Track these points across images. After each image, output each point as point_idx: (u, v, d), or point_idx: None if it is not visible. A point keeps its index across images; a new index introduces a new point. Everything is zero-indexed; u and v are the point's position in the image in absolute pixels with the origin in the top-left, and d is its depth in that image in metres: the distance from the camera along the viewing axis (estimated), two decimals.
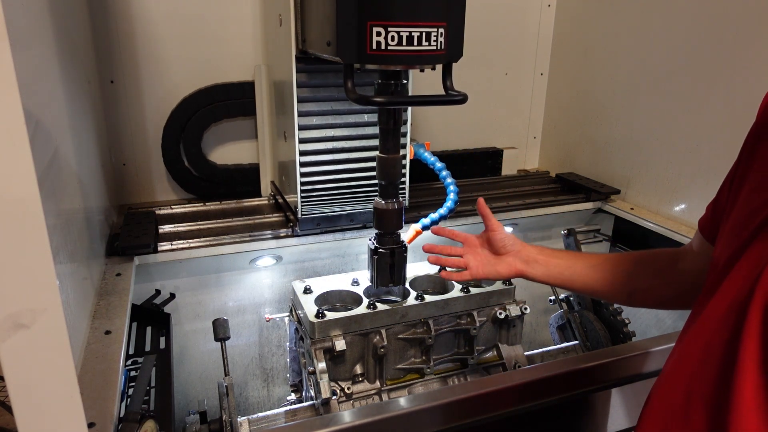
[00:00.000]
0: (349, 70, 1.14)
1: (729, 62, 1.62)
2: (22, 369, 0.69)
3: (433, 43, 1.11)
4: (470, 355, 1.52)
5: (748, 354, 0.64)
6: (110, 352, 1.11)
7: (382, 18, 1.06)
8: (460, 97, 1.19)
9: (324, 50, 1.21)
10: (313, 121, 1.56)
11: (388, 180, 1.34)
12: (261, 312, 1.84)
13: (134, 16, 1.77)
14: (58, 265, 0.80)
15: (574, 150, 2.28)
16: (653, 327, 1.86)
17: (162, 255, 1.56)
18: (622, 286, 1.11)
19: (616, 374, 1.27)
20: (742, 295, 0.67)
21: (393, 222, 1.37)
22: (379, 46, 1.08)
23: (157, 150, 1.90)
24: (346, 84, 1.14)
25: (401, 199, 1.39)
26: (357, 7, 1.06)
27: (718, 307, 0.72)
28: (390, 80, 1.22)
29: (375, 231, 1.40)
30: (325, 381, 1.31)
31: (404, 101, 1.31)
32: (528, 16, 2.28)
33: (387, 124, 1.30)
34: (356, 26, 1.07)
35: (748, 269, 0.68)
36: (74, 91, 1.35)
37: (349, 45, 1.09)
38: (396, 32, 1.07)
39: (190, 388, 1.81)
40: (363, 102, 1.15)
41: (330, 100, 1.56)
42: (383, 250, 1.38)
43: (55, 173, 1.04)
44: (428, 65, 1.16)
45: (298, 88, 1.50)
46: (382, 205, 1.36)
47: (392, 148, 1.32)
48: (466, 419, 1.14)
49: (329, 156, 1.61)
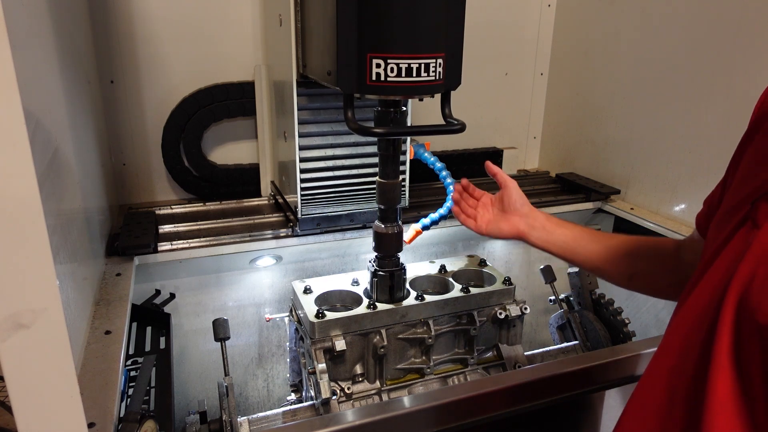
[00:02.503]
0: (349, 100, 1.16)
1: (729, 62, 1.62)
2: (22, 369, 0.69)
3: (431, 74, 1.13)
4: (470, 355, 1.52)
5: (722, 349, 0.64)
6: (110, 352, 1.11)
7: (382, 50, 1.09)
8: (458, 126, 1.23)
9: (324, 78, 1.24)
10: (313, 129, 1.57)
11: (388, 205, 1.38)
12: (261, 312, 1.84)
13: (134, 16, 1.77)
14: (58, 265, 0.80)
15: (574, 150, 2.28)
16: (653, 327, 1.86)
17: (162, 255, 1.56)
18: (625, 268, 1.11)
19: (616, 374, 1.27)
20: (718, 289, 0.67)
21: (393, 245, 1.41)
22: (379, 77, 1.10)
23: (157, 150, 1.90)
24: (346, 114, 1.16)
25: (400, 223, 1.43)
26: (357, 39, 1.09)
27: (698, 301, 0.72)
28: (389, 108, 1.25)
29: (375, 253, 1.43)
30: (325, 381, 1.31)
31: (403, 132, 1.35)
32: (528, 16, 2.27)
33: (386, 151, 1.33)
34: (356, 57, 1.10)
35: (727, 263, 0.68)
36: (74, 91, 1.35)
37: (349, 76, 1.11)
38: (395, 64, 1.09)
39: (190, 388, 1.81)
40: (363, 133, 1.18)
41: (330, 122, 1.60)
42: (383, 273, 1.42)
43: (55, 173, 1.04)
44: (427, 95, 1.18)
45: (298, 97, 1.51)
46: (382, 229, 1.39)
47: (391, 174, 1.35)
48: (466, 419, 1.14)
49: (330, 155, 1.61)
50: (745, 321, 0.62)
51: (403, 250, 1.44)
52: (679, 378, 0.72)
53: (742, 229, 0.68)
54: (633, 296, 1.94)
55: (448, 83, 1.19)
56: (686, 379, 0.70)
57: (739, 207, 0.70)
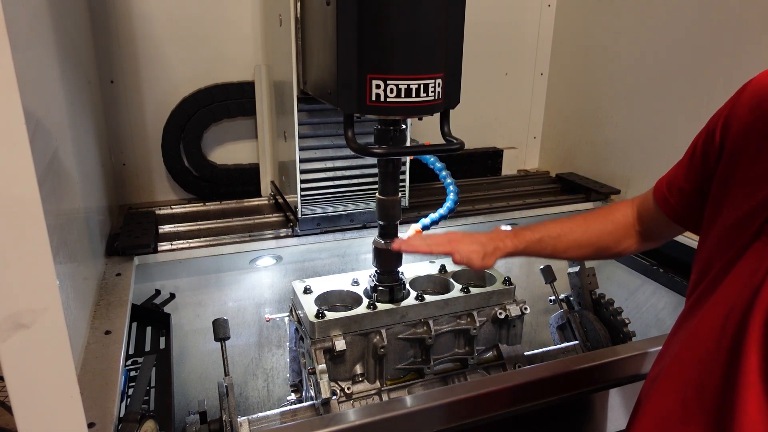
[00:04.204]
0: (350, 120, 1.17)
1: (729, 62, 1.62)
2: (22, 369, 0.69)
3: (431, 94, 1.15)
4: (470, 355, 1.52)
5: (750, 368, 0.63)
6: (110, 352, 1.11)
7: (382, 71, 1.10)
8: (456, 146, 1.24)
9: (324, 97, 1.26)
10: (313, 129, 1.57)
11: (388, 221, 1.39)
12: (261, 312, 1.84)
13: (134, 16, 1.77)
14: (58, 265, 0.80)
15: (574, 150, 2.28)
16: (653, 327, 1.86)
17: (162, 255, 1.56)
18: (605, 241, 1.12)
19: (616, 374, 1.27)
20: (738, 306, 0.67)
21: (392, 261, 1.42)
22: (379, 97, 1.11)
23: (157, 150, 1.90)
24: (347, 133, 1.18)
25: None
26: (357, 60, 1.10)
27: (716, 314, 0.71)
28: (389, 127, 1.26)
29: (374, 269, 1.45)
30: (325, 381, 1.31)
31: (403, 152, 1.37)
32: (528, 16, 2.27)
33: (386, 168, 1.35)
34: (356, 78, 1.11)
35: (746, 276, 0.67)
36: (74, 91, 1.35)
37: (350, 96, 1.13)
38: (395, 85, 1.11)
39: (190, 388, 1.81)
40: (363, 153, 1.20)
41: (329, 123, 1.60)
42: (383, 288, 1.43)
43: (55, 173, 1.04)
44: (426, 114, 1.19)
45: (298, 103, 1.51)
46: (382, 245, 1.40)
47: (391, 191, 1.36)
48: (466, 419, 1.14)
49: (330, 156, 1.61)
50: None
51: (401, 265, 1.45)
52: (697, 393, 0.71)
53: (757, 243, 0.68)
54: (633, 296, 1.94)
55: (447, 102, 1.21)
56: (707, 394, 0.70)
57: (745, 221, 0.70)
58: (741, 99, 0.77)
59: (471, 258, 1.11)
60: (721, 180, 0.79)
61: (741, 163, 0.75)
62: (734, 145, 0.77)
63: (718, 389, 0.68)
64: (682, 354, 0.77)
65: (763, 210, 0.69)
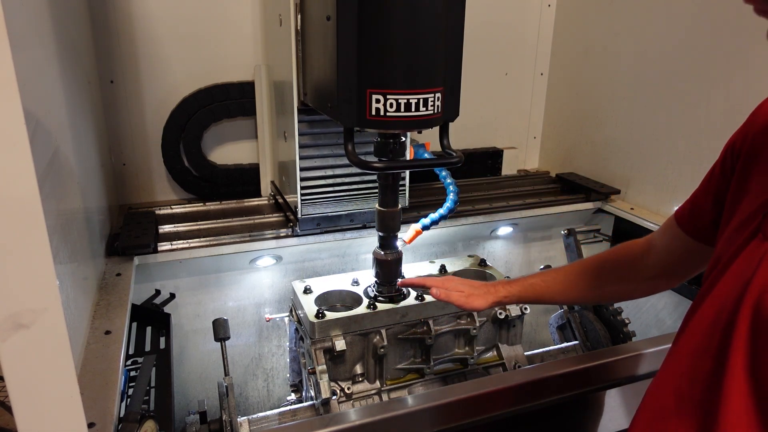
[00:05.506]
0: (349, 134, 1.18)
1: (729, 62, 1.62)
2: (22, 369, 0.69)
3: (430, 108, 1.15)
4: (470, 355, 1.52)
5: (737, 358, 0.65)
6: (110, 352, 1.11)
7: (381, 86, 1.11)
8: (456, 159, 1.25)
9: (324, 110, 1.27)
10: (313, 128, 1.57)
11: (387, 232, 1.40)
12: (261, 312, 1.84)
13: (134, 16, 1.77)
14: (58, 265, 0.80)
15: (574, 150, 2.28)
16: (653, 327, 1.86)
17: (162, 255, 1.56)
18: (593, 288, 1.15)
19: (616, 374, 1.27)
20: (731, 299, 0.68)
21: (392, 272, 1.43)
22: (378, 112, 1.12)
23: (157, 150, 1.90)
24: (347, 147, 1.19)
25: (399, 249, 1.44)
26: (357, 74, 1.10)
27: (710, 310, 0.73)
28: (389, 139, 1.27)
29: (375, 279, 1.46)
30: (325, 381, 1.31)
31: (402, 166, 1.38)
32: (528, 16, 2.27)
33: (386, 180, 1.36)
34: (356, 93, 1.12)
35: (739, 273, 0.69)
36: (74, 91, 1.35)
37: (349, 110, 1.13)
38: (395, 99, 1.11)
39: (190, 388, 1.81)
40: (363, 167, 1.21)
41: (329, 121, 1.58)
42: (383, 299, 1.44)
43: (55, 173, 1.04)
44: (426, 128, 1.20)
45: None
46: (382, 256, 1.41)
47: (391, 203, 1.37)
48: (466, 419, 1.14)
49: (330, 154, 1.61)
50: (761, 331, 0.63)
51: (401, 275, 1.46)
52: (689, 385, 0.73)
53: (753, 241, 0.70)
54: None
55: (446, 115, 1.21)
56: (697, 387, 0.71)
57: (750, 219, 0.72)
58: (758, 117, 0.80)
59: (450, 296, 1.20)
60: (733, 194, 0.81)
61: (753, 175, 0.77)
62: (748, 158, 0.79)
63: (707, 382, 0.70)
64: (680, 349, 0.79)
65: (761, 211, 0.70)
